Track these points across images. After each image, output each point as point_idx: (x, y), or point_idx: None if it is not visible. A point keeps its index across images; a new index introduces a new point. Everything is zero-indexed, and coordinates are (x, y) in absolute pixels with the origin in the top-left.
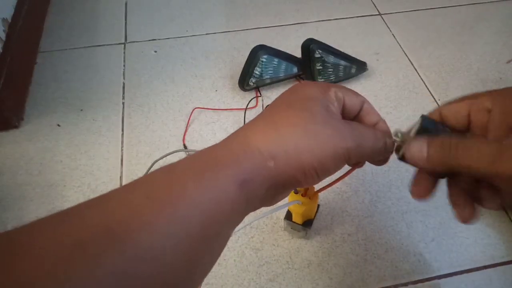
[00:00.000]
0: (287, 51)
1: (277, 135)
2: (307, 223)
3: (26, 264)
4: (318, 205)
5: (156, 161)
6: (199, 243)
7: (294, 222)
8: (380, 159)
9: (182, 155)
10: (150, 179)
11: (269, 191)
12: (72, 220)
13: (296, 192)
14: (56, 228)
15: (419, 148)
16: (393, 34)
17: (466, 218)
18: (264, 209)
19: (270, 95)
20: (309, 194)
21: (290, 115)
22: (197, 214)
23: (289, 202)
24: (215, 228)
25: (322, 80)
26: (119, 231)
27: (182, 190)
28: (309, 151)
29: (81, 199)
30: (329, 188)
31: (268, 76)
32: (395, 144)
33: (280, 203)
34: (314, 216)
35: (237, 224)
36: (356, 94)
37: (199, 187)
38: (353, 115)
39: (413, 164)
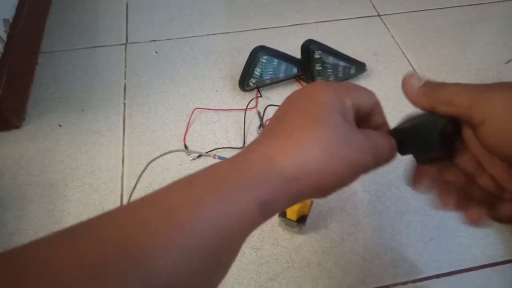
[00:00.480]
0: (287, 52)
1: (299, 156)
2: (301, 219)
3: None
4: (311, 201)
5: (153, 159)
6: (214, 261)
7: (289, 219)
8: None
9: (181, 155)
10: (164, 195)
11: (285, 207)
12: (86, 238)
13: None
14: (72, 246)
15: (418, 79)
16: (392, 35)
17: (419, 184)
18: None
19: (270, 96)
20: None
21: (311, 129)
22: (215, 234)
23: None
24: (231, 246)
25: (322, 80)
26: (138, 254)
27: (200, 210)
28: (332, 174)
29: (82, 199)
30: None
31: (268, 77)
32: None
33: None
34: (308, 212)
35: (249, 235)
36: (369, 95)
37: (218, 208)
38: (363, 117)
39: (406, 91)
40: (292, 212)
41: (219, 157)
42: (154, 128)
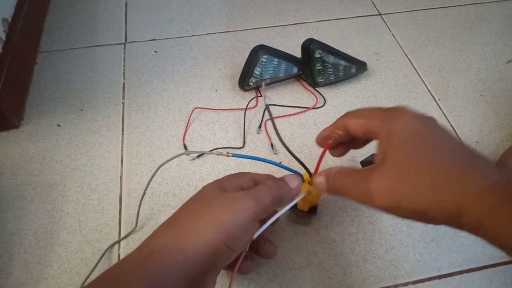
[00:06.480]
0: (287, 51)
1: (176, 230)
2: (312, 210)
3: None
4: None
5: (163, 164)
6: None
7: (300, 210)
8: (286, 203)
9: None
10: None
11: (189, 283)
12: None
13: (302, 181)
14: None
15: (321, 180)
16: (393, 34)
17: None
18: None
19: (270, 95)
20: None
21: (188, 211)
22: None
23: (301, 194)
24: None
25: (322, 80)
26: None
27: None
28: (213, 229)
29: (81, 199)
30: None
31: (268, 76)
32: None
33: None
34: (318, 203)
35: None
36: (241, 176)
37: None
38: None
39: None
40: (304, 202)
41: (233, 155)
42: (153, 128)
